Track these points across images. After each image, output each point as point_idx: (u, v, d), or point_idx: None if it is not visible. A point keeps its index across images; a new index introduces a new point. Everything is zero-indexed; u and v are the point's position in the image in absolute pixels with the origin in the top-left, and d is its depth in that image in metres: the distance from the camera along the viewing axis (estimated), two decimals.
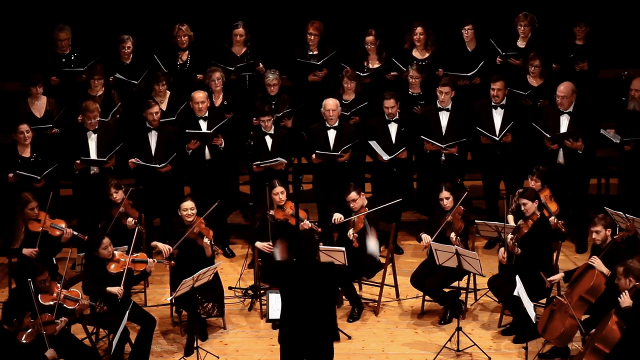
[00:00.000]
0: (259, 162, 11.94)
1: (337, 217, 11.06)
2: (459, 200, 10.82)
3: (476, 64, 12.60)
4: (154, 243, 10.78)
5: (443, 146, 11.98)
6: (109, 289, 9.97)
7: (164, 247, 10.64)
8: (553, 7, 13.42)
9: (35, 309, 9.40)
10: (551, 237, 10.54)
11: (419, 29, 12.70)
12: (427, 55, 12.80)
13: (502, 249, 10.54)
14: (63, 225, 11.02)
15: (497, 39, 12.69)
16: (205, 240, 10.63)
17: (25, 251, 10.81)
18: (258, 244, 11.07)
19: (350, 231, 10.87)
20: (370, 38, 12.73)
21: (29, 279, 9.52)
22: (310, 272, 8.72)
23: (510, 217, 11.07)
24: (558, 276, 10.16)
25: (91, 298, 10.02)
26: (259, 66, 12.79)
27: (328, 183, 12.07)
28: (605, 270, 9.64)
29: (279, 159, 11.88)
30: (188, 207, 10.70)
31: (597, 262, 9.69)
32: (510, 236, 10.39)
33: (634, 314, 9.08)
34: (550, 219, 10.72)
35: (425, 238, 10.79)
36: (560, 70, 12.62)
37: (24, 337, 9.31)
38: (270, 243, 11.00)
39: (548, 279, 10.05)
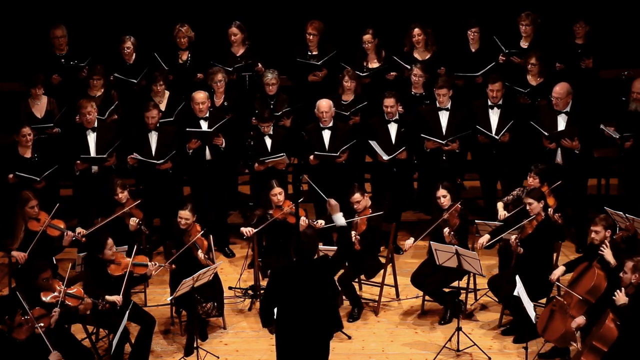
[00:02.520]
0: (263, 159, 11.92)
1: (319, 222, 11.02)
2: (456, 198, 10.83)
3: (479, 64, 12.60)
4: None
5: (444, 142, 11.99)
6: (107, 297, 9.92)
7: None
8: (554, 7, 13.43)
9: (26, 308, 9.34)
10: (553, 237, 10.54)
11: (416, 30, 12.71)
12: (428, 56, 12.79)
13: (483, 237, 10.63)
14: (62, 226, 11.01)
15: (500, 39, 12.70)
16: (200, 253, 10.58)
17: (15, 254, 10.74)
18: (242, 229, 11.09)
19: (352, 233, 10.85)
20: (367, 37, 12.72)
21: (17, 290, 9.58)
22: (308, 270, 8.72)
23: (500, 205, 11.15)
24: (559, 271, 10.13)
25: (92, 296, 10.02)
26: (258, 66, 12.79)
27: (327, 183, 12.07)
28: (612, 260, 9.62)
29: (283, 154, 11.88)
30: (184, 216, 10.65)
31: (607, 250, 9.67)
32: (513, 237, 10.37)
33: (629, 311, 9.06)
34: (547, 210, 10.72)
35: (408, 243, 10.84)
36: (564, 69, 12.62)
37: (19, 334, 9.29)
38: (252, 229, 11.01)
39: (552, 278, 10.04)
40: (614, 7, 13.64)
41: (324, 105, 11.99)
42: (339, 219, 9.28)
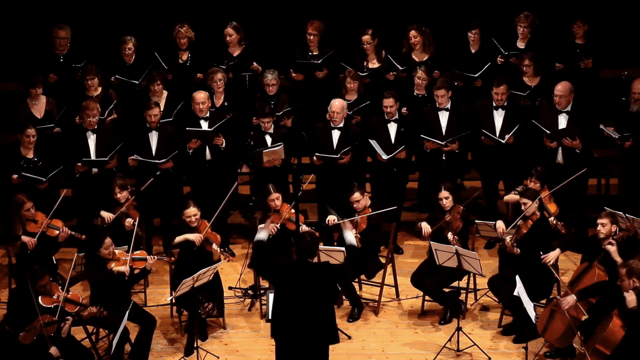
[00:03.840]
0: (261, 149, 11.91)
1: (331, 218, 11.05)
2: (458, 200, 10.84)
3: (479, 65, 12.60)
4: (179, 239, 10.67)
5: (443, 143, 11.99)
6: (116, 268, 9.97)
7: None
8: (553, 7, 13.43)
9: (37, 309, 9.39)
10: (551, 237, 10.54)
11: (412, 32, 12.72)
12: (426, 57, 12.79)
13: (499, 222, 10.61)
14: (60, 225, 11.00)
15: (498, 39, 12.71)
16: (214, 246, 10.62)
17: (25, 238, 10.75)
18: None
19: (353, 232, 10.83)
20: (366, 37, 12.73)
21: (28, 277, 9.56)
22: (307, 272, 8.72)
23: (510, 197, 11.20)
24: (555, 253, 10.16)
25: (91, 300, 10.00)
26: (253, 65, 12.78)
27: (330, 184, 12.07)
28: (619, 259, 9.62)
29: (281, 144, 11.86)
30: (191, 213, 10.65)
31: (613, 248, 9.68)
32: (508, 237, 10.38)
33: (637, 314, 9.04)
34: (549, 219, 10.72)
35: (425, 227, 10.80)
36: (564, 69, 12.61)
37: (24, 338, 9.32)
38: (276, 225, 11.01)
39: (546, 259, 10.08)
40: (614, 7, 13.64)
41: (337, 105, 11.98)
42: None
